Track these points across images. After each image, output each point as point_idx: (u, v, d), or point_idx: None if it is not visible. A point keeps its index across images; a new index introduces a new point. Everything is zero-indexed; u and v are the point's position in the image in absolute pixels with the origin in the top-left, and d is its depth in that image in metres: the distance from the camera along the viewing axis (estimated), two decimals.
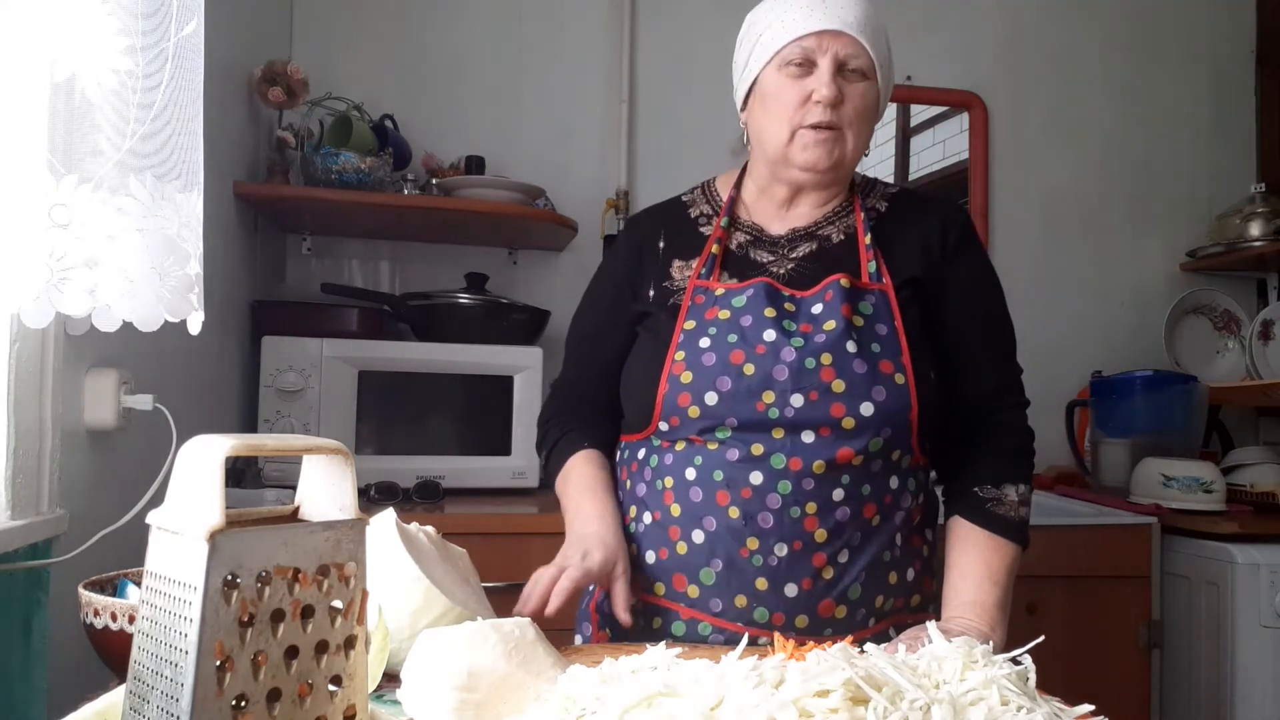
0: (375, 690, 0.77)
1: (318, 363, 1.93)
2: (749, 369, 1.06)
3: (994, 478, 1.13)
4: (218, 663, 0.54)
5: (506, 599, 1.07)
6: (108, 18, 0.80)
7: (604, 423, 1.23)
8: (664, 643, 0.80)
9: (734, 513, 1.05)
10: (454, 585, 0.93)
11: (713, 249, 1.17)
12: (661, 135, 2.54)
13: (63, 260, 0.78)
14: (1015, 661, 0.74)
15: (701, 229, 1.21)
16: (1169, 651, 2.06)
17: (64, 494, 1.11)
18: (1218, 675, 1.97)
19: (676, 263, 1.19)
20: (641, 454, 1.15)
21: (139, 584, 0.71)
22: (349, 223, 2.27)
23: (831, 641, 0.74)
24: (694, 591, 1.08)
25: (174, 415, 1.21)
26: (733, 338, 1.08)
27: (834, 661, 0.67)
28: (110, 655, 0.79)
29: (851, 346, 1.05)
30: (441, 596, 0.87)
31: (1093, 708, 0.71)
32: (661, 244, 1.21)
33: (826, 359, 1.05)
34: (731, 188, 1.23)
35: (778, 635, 0.83)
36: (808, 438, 1.04)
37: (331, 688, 0.60)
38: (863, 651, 0.71)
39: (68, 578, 0.95)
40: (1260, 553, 1.96)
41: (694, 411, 1.07)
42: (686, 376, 1.08)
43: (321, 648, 0.59)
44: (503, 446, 2.04)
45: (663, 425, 1.10)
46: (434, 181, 2.22)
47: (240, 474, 1.90)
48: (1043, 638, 0.78)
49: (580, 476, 1.18)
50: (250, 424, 2.01)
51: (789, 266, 1.15)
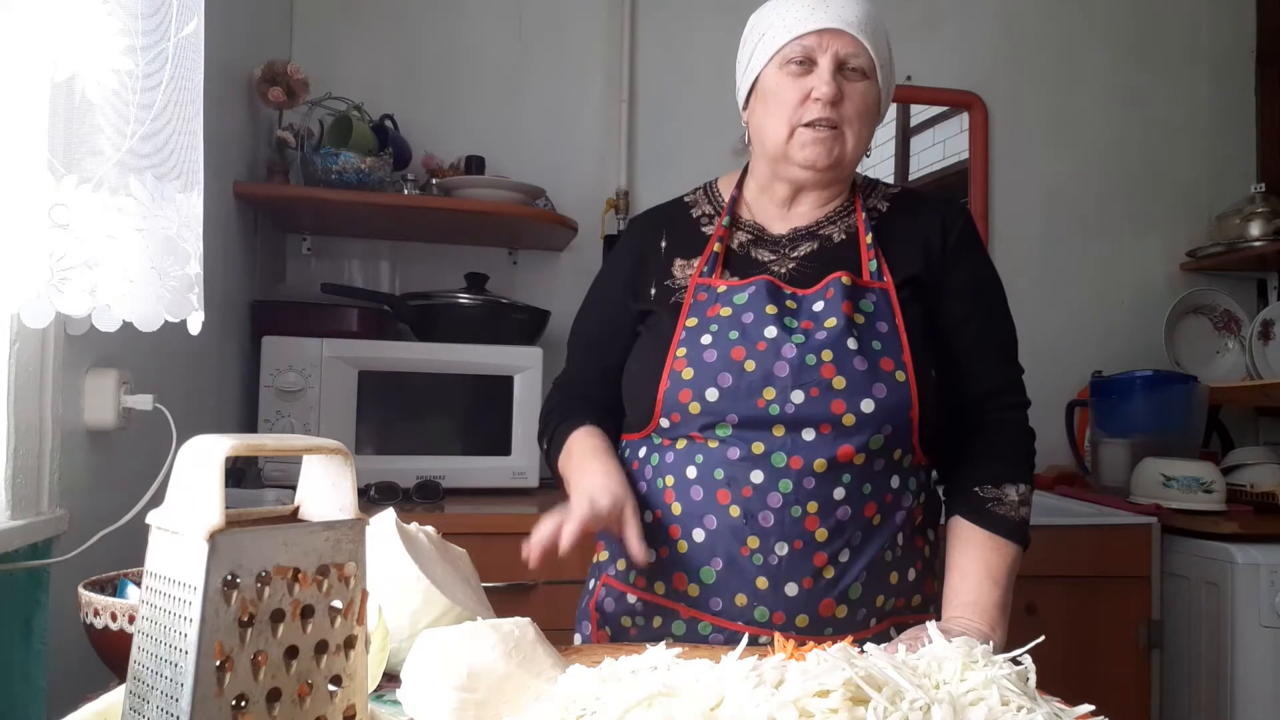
0: (375, 690, 0.77)
1: (318, 363, 1.93)
2: (750, 365, 1.06)
3: (994, 478, 1.13)
4: (217, 663, 0.54)
5: (506, 599, 1.07)
6: (108, 18, 0.80)
7: (605, 417, 1.23)
8: (664, 643, 0.80)
9: (734, 511, 1.05)
10: (454, 585, 0.93)
11: (714, 248, 1.17)
12: (661, 135, 2.54)
13: (63, 260, 0.78)
14: (1015, 661, 0.74)
15: (703, 228, 1.21)
16: (1169, 651, 2.06)
17: (64, 494, 1.11)
18: (1218, 675, 1.97)
19: (678, 261, 1.19)
20: (643, 452, 1.15)
21: (139, 584, 0.71)
22: (349, 223, 2.27)
23: (832, 641, 0.74)
24: (694, 590, 1.08)
25: (174, 415, 1.21)
26: (734, 334, 1.08)
27: (834, 661, 0.67)
28: (110, 655, 0.79)
29: (852, 344, 1.05)
30: (441, 596, 0.87)
31: (1093, 708, 0.71)
32: (664, 243, 1.22)
33: (827, 356, 1.05)
34: (733, 188, 1.24)
35: (778, 635, 0.83)
36: (808, 435, 1.04)
37: (331, 688, 0.60)
38: (863, 651, 0.72)
39: (68, 578, 0.95)
40: (1260, 553, 1.96)
41: (695, 408, 1.07)
42: (688, 373, 1.08)
43: (321, 648, 0.59)
44: (503, 446, 2.04)
45: (664, 422, 1.10)
46: (434, 181, 2.22)
47: (240, 474, 1.90)
48: (1043, 638, 0.78)
49: (583, 445, 1.18)
50: (250, 424, 2.01)
51: (790, 265, 1.15)
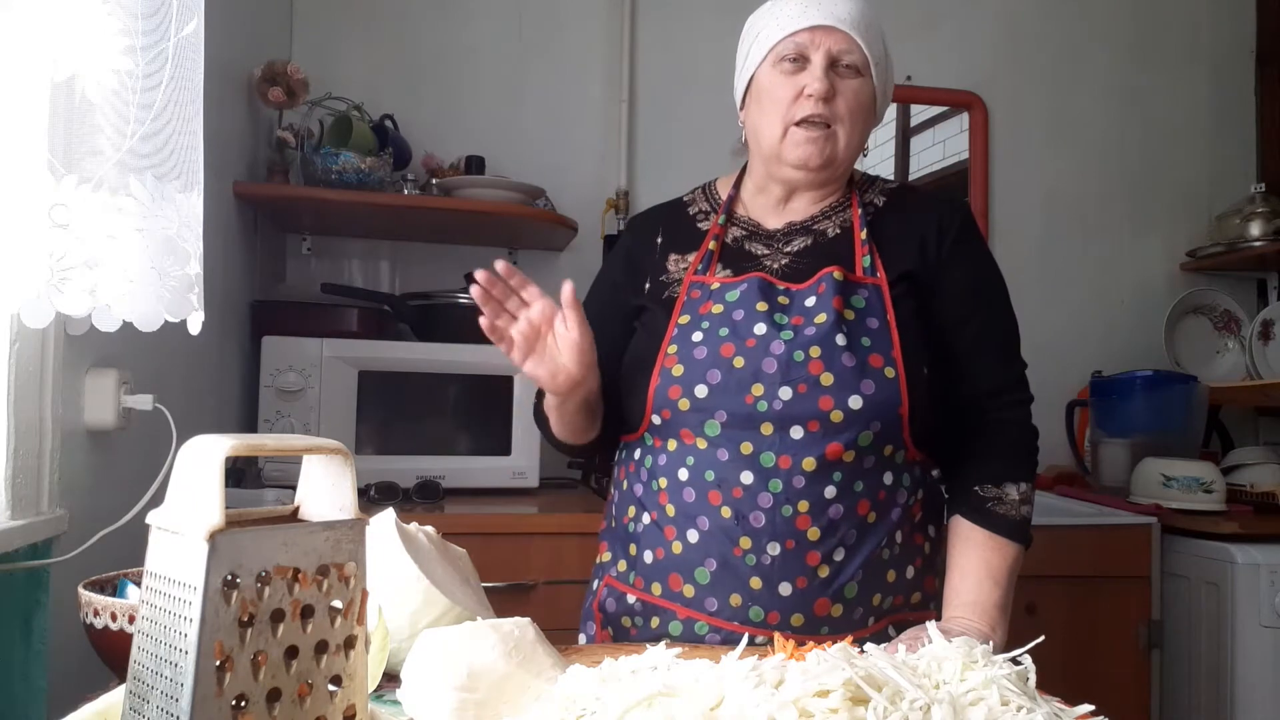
0: (375, 690, 0.77)
1: (318, 363, 1.93)
2: (739, 362, 1.06)
3: (994, 476, 1.12)
4: (217, 663, 0.54)
5: (506, 599, 1.07)
6: (108, 18, 0.80)
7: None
8: (664, 643, 0.80)
9: (726, 512, 1.05)
10: (454, 585, 0.93)
11: (709, 245, 1.18)
12: (661, 135, 2.54)
13: (63, 260, 0.78)
14: (1015, 661, 0.74)
15: (699, 225, 1.22)
16: (1169, 651, 2.06)
17: (64, 494, 1.11)
18: (1218, 675, 1.97)
19: (673, 256, 1.20)
20: (638, 454, 1.16)
21: (139, 584, 0.71)
22: (349, 223, 2.27)
23: (831, 641, 0.74)
24: (689, 591, 1.08)
25: (174, 415, 1.21)
26: (724, 331, 1.08)
27: (834, 661, 0.67)
28: (110, 655, 0.79)
29: (841, 340, 1.05)
30: (441, 596, 0.87)
31: (1093, 708, 0.71)
32: (659, 239, 1.23)
33: (815, 352, 1.05)
34: (731, 187, 1.24)
35: (778, 635, 0.83)
36: (797, 434, 1.04)
37: (331, 688, 0.60)
38: (863, 651, 0.72)
39: (68, 578, 0.95)
40: (1260, 553, 1.96)
41: (684, 404, 1.07)
42: (678, 369, 1.08)
43: (321, 648, 0.59)
44: (503, 446, 2.04)
45: (655, 419, 1.11)
46: (434, 181, 2.22)
47: (240, 474, 1.90)
48: (1043, 638, 0.78)
49: None
50: (250, 424, 2.01)
51: (783, 261, 1.15)
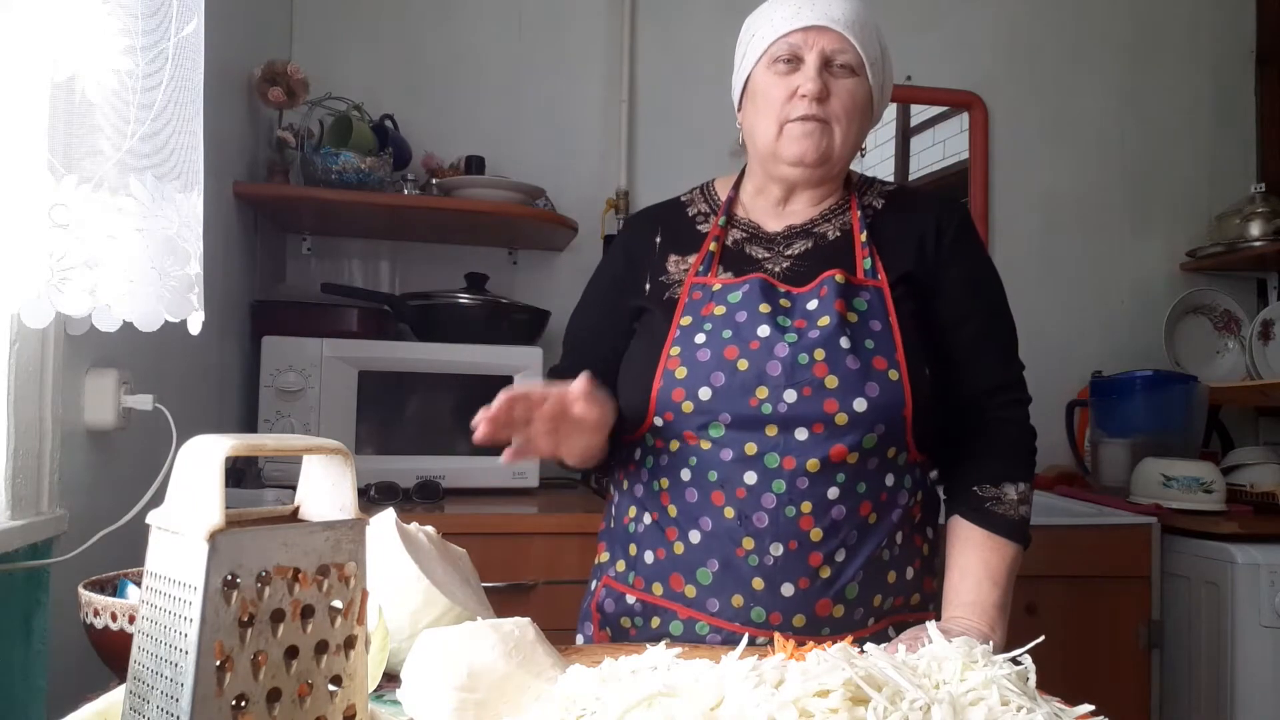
0: (375, 690, 0.77)
1: (318, 363, 1.93)
2: (743, 364, 1.06)
3: (993, 476, 1.12)
4: (218, 663, 0.54)
5: (506, 599, 1.07)
6: (108, 18, 0.80)
7: None
8: (664, 643, 0.80)
9: (729, 513, 1.05)
10: (454, 585, 0.93)
11: (710, 246, 1.17)
12: (661, 135, 2.54)
13: (63, 260, 0.78)
14: (1015, 661, 0.74)
15: (699, 226, 1.22)
16: (1169, 651, 2.06)
17: (64, 494, 1.11)
18: (1218, 675, 1.97)
19: (672, 257, 1.19)
20: (638, 454, 1.16)
21: (139, 584, 0.71)
22: (349, 223, 2.27)
23: (831, 641, 0.74)
24: (691, 591, 1.08)
25: (174, 415, 1.21)
26: (727, 333, 1.08)
27: (834, 661, 0.67)
28: (110, 655, 0.79)
29: (845, 342, 1.05)
30: (441, 596, 0.87)
31: (1093, 708, 0.71)
32: (658, 239, 1.22)
33: (819, 354, 1.05)
34: (730, 188, 1.24)
35: (778, 635, 0.83)
36: (801, 435, 1.04)
37: (331, 688, 0.60)
38: (863, 651, 0.72)
39: (68, 578, 0.95)
40: (1260, 553, 1.96)
41: (687, 406, 1.07)
42: (681, 372, 1.08)
43: (321, 648, 0.59)
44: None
45: (657, 421, 1.10)
46: (434, 181, 2.22)
47: (240, 474, 1.90)
48: (1043, 638, 0.78)
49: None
50: (250, 424, 2.01)
51: (784, 264, 1.15)
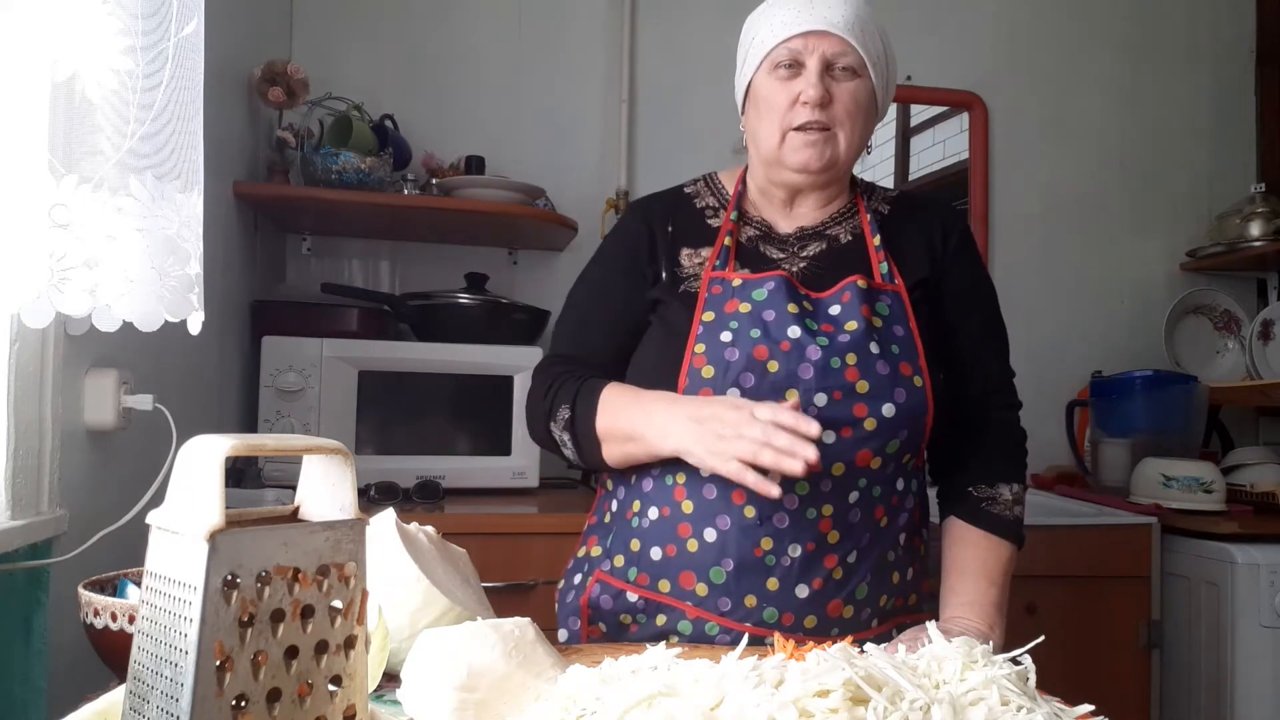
0: (375, 690, 0.77)
1: (318, 363, 1.93)
2: (773, 366, 1.05)
3: (989, 477, 1.13)
4: (218, 663, 0.54)
5: (506, 599, 1.07)
6: (108, 18, 0.80)
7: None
8: (664, 642, 0.80)
9: (749, 512, 1.04)
10: (454, 585, 0.93)
11: (725, 240, 1.16)
12: (661, 135, 2.54)
13: (63, 260, 0.78)
14: (1015, 661, 0.74)
15: (709, 220, 1.20)
16: (1169, 651, 2.06)
17: (64, 494, 1.11)
18: (1218, 675, 1.97)
19: (685, 250, 1.17)
20: None
21: (139, 584, 0.71)
22: (349, 223, 2.27)
23: (833, 641, 0.74)
24: (702, 590, 1.07)
25: (174, 415, 1.21)
26: (755, 333, 1.07)
27: (834, 661, 0.67)
28: (110, 655, 0.79)
29: (874, 348, 1.05)
30: (441, 596, 0.87)
31: (1093, 708, 0.71)
32: (670, 229, 1.19)
33: (851, 359, 1.05)
34: (737, 182, 1.23)
35: (778, 635, 0.83)
36: (828, 439, 1.03)
37: (331, 688, 0.60)
38: (863, 651, 0.72)
39: (68, 578, 0.95)
40: (1260, 553, 1.96)
41: None
42: (708, 371, 1.06)
43: (321, 648, 0.59)
44: (503, 446, 2.04)
45: None
46: (434, 181, 2.22)
47: (240, 474, 1.90)
48: (1043, 638, 0.78)
49: (624, 394, 1.08)
50: (250, 424, 2.01)
51: (801, 265, 1.15)
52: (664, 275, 1.16)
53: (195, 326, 0.90)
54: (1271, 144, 2.79)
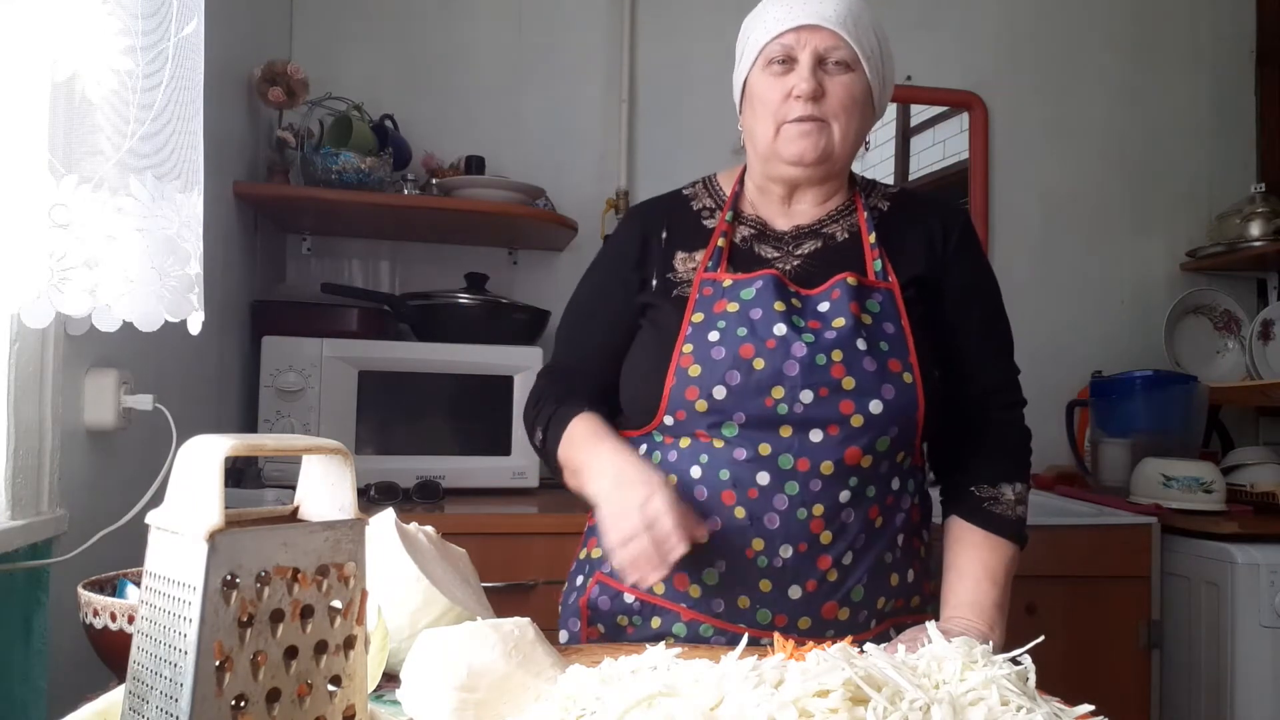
0: (375, 690, 0.77)
1: (318, 363, 1.93)
2: (759, 363, 1.05)
3: (991, 477, 1.13)
4: (217, 663, 0.54)
5: (506, 599, 1.07)
6: (108, 18, 0.80)
7: (598, 404, 1.18)
8: (664, 642, 0.80)
9: (740, 513, 1.04)
10: (454, 585, 0.93)
11: (718, 242, 1.16)
12: (661, 135, 2.54)
13: (63, 260, 0.78)
14: (1015, 661, 0.74)
15: (705, 222, 1.21)
16: (1169, 651, 2.06)
17: (64, 494, 1.11)
18: (1218, 675, 1.97)
19: (679, 254, 1.18)
20: (643, 449, 1.14)
21: (139, 584, 0.71)
22: (349, 223, 2.27)
23: (832, 642, 0.74)
24: (695, 591, 1.07)
25: (174, 415, 1.21)
26: (742, 331, 1.07)
27: (834, 661, 0.67)
28: (110, 655, 0.79)
29: (861, 344, 1.05)
30: (441, 596, 0.87)
31: (1093, 708, 0.71)
32: (664, 234, 1.20)
33: (837, 355, 1.04)
34: (735, 182, 1.23)
35: (778, 635, 0.83)
36: (816, 437, 1.04)
37: (331, 688, 0.60)
38: (862, 652, 0.72)
39: (68, 578, 0.95)
40: (1260, 553, 1.96)
41: (701, 405, 1.06)
42: (695, 370, 1.07)
43: (321, 648, 0.59)
44: (503, 446, 2.04)
45: (667, 420, 1.10)
46: (434, 181, 2.22)
47: (240, 474, 1.90)
48: (1043, 638, 0.78)
49: (586, 429, 1.12)
50: (250, 424, 2.01)
51: (794, 263, 1.15)
52: (655, 281, 1.17)
53: (195, 326, 0.90)
54: (1271, 144, 2.79)
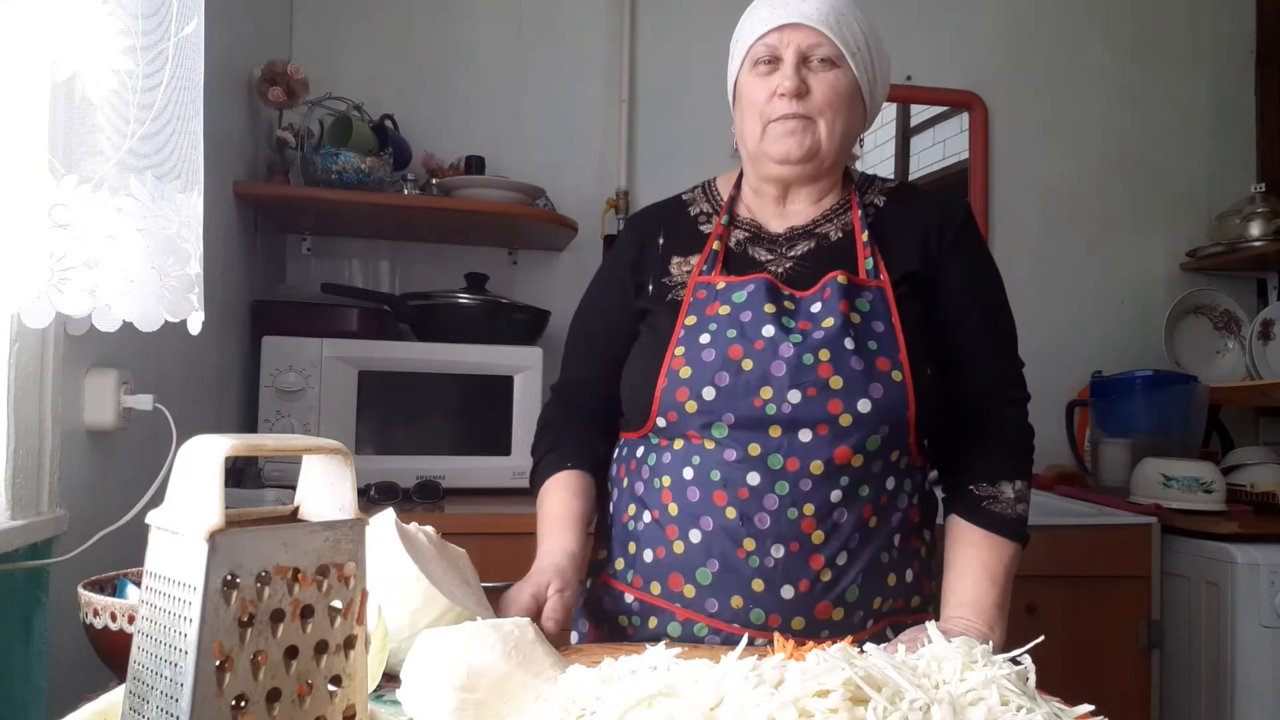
0: (375, 690, 0.77)
1: (318, 363, 1.93)
2: (747, 364, 1.06)
3: (990, 475, 1.12)
4: (217, 663, 0.54)
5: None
6: (108, 18, 0.80)
7: (597, 436, 1.23)
8: (664, 642, 0.80)
9: (731, 513, 1.05)
10: (454, 585, 0.93)
11: (714, 246, 1.17)
12: (661, 135, 2.54)
13: (63, 260, 0.78)
14: (1015, 661, 0.74)
15: (701, 226, 1.22)
16: (1169, 651, 2.06)
17: (64, 494, 1.11)
18: (1218, 675, 1.97)
19: (675, 259, 1.19)
20: (640, 451, 1.15)
21: (139, 584, 0.71)
22: (349, 223, 2.27)
23: (830, 642, 0.74)
24: (690, 591, 1.08)
25: (174, 415, 1.21)
26: (732, 333, 1.08)
27: (834, 661, 0.67)
28: (110, 655, 0.79)
29: (849, 343, 1.05)
30: (441, 596, 0.87)
31: (1093, 708, 0.71)
32: (661, 240, 1.22)
33: (824, 355, 1.05)
34: (732, 186, 1.24)
35: (777, 635, 0.83)
36: (805, 437, 1.04)
37: (331, 688, 0.60)
38: (862, 652, 0.71)
39: (68, 578, 0.95)
40: (1260, 553, 1.96)
41: (691, 406, 1.06)
42: (685, 371, 1.08)
43: (321, 648, 0.59)
44: (503, 446, 2.04)
45: (660, 421, 1.10)
46: (434, 181, 2.22)
47: (240, 474, 1.90)
48: (1043, 638, 0.78)
49: (553, 504, 1.18)
50: (250, 424, 2.01)
51: (787, 265, 1.15)
52: (651, 286, 1.19)
53: (195, 326, 0.90)
54: (1271, 144, 2.79)
